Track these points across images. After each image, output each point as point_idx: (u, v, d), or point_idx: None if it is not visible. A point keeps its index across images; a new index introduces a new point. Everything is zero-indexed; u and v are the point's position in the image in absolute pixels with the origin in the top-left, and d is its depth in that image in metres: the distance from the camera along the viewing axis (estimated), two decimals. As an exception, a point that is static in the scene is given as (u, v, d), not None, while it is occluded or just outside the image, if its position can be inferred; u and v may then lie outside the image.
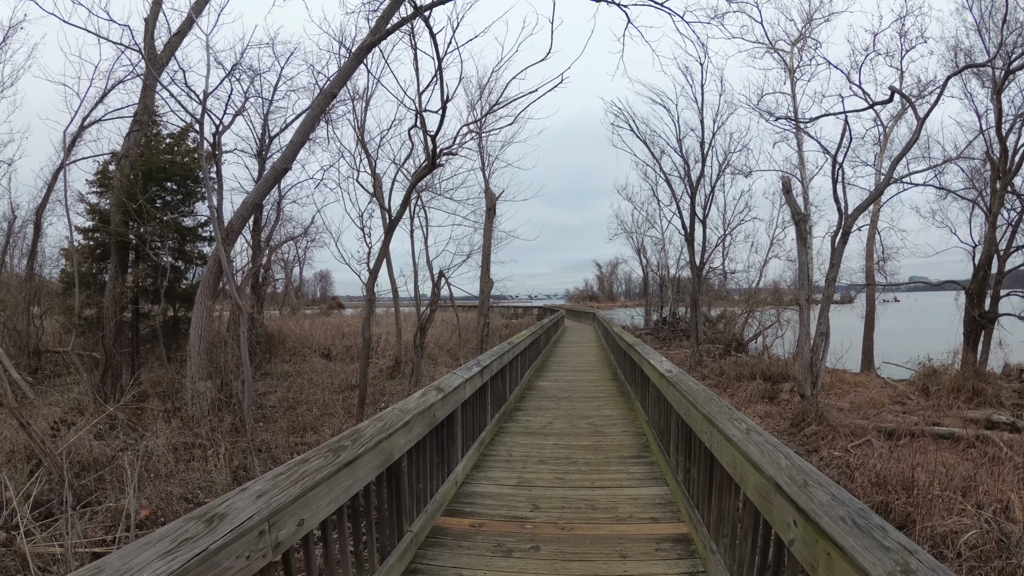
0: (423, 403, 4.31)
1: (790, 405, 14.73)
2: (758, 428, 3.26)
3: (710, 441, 3.71)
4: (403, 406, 4.11)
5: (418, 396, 4.50)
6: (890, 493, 8.22)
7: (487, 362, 7.03)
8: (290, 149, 13.29)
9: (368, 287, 11.98)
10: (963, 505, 7.93)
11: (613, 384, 12.39)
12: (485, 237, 18.48)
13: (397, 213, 11.70)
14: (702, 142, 24.28)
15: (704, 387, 4.69)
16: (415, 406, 4.17)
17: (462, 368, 6.16)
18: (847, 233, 12.46)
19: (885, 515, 7.77)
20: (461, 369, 6.07)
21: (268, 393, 17.27)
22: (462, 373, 5.80)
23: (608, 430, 8.07)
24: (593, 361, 17.19)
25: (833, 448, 11.38)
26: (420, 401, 4.34)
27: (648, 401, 7.56)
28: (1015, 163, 18.52)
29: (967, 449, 12.01)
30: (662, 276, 42.68)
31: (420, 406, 4.21)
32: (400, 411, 3.96)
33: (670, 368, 5.98)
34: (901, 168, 19.96)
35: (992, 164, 19.70)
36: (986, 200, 20.04)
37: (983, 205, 20.43)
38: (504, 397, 8.93)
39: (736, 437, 3.15)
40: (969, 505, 7.95)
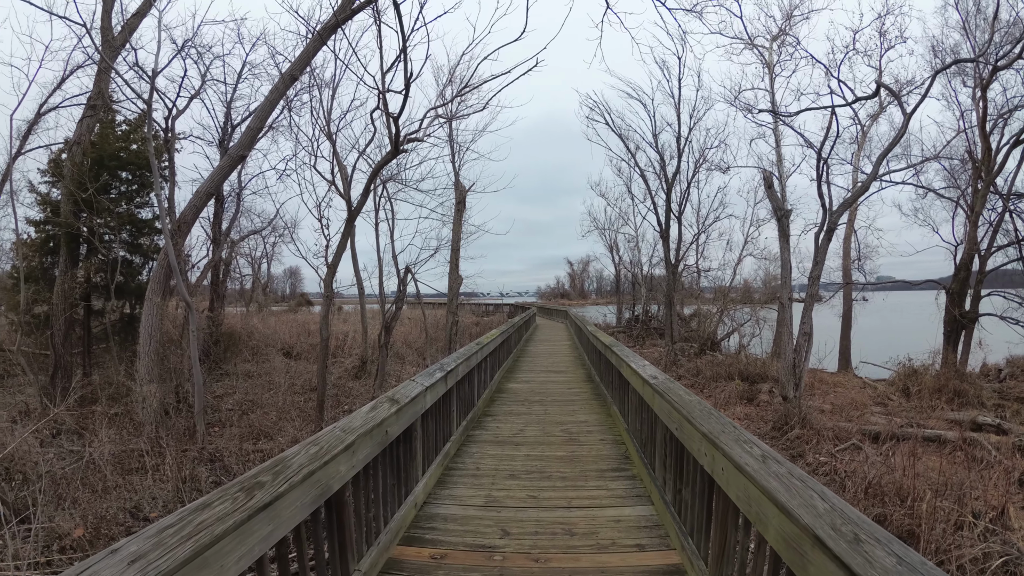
0: (372, 419, 3.69)
1: (770, 407, 14.33)
2: (776, 455, 2.70)
3: (711, 465, 3.15)
4: (346, 424, 3.49)
5: (367, 410, 3.88)
6: (887, 504, 7.76)
7: (452, 366, 6.41)
8: (247, 135, 12.57)
9: (326, 283, 11.24)
10: (963, 517, 7.50)
11: (588, 386, 11.84)
12: (454, 231, 17.74)
13: (358, 203, 10.98)
14: (678, 137, 23.94)
15: (699, 399, 4.13)
16: (361, 423, 3.55)
17: (423, 374, 5.54)
18: (832, 230, 12.06)
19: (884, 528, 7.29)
20: (422, 375, 5.45)
21: (226, 395, 16.49)
22: (422, 380, 5.18)
23: (584, 438, 7.50)
24: (566, 361, 16.63)
25: (818, 453, 10.96)
26: (368, 417, 3.72)
27: (628, 407, 7.00)
28: (997, 162, 18.30)
29: (954, 452, 11.72)
30: (635, 274, 42.36)
31: (368, 423, 3.59)
32: (342, 431, 3.33)
33: (655, 374, 5.42)
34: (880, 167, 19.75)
35: (973, 163, 19.54)
36: (968, 199, 19.83)
37: (964, 205, 20.24)
38: (472, 402, 8.33)
39: (750, 467, 2.58)
40: (968, 516, 7.54)
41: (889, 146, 13.07)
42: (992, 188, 18.58)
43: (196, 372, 10.54)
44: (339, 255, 11.25)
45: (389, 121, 10.10)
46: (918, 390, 16.61)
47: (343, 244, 11.22)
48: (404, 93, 9.38)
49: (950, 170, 20.68)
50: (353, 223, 11.06)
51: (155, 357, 12.78)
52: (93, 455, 10.43)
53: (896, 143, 13.16)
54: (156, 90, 12.90)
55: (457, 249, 17.57)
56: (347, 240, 11.10)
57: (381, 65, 9.82)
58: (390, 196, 16.58)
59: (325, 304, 11.40)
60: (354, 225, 15.73)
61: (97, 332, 18.33)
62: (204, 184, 12.87)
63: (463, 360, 7.14)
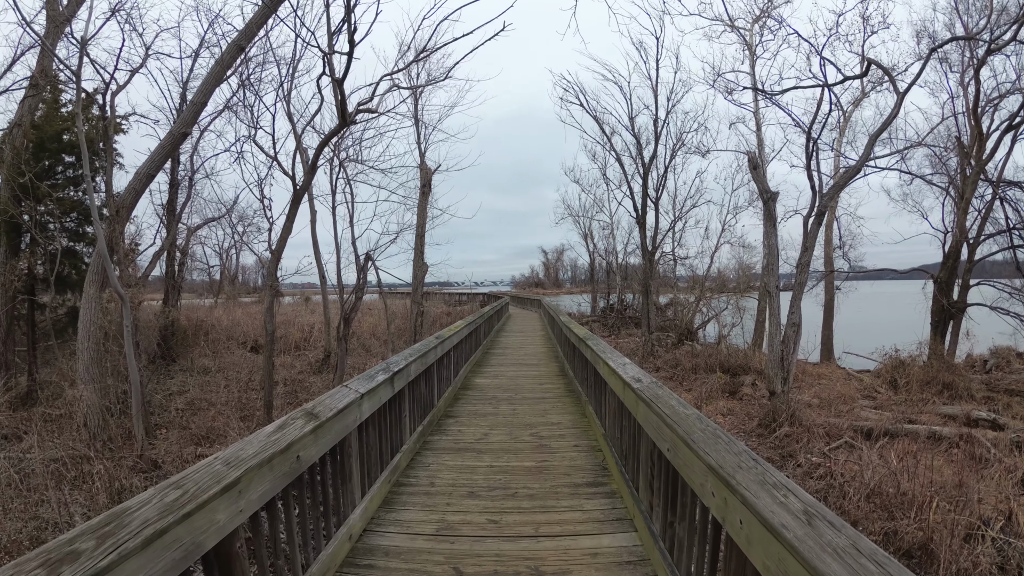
0: (273, 444, 2.84)
1: (754, 401, 13.67)
2: (826, 512, 1.87)
3: (722, 511, 2.35)
4: (233, 454, 2.63)
5: (271, 431, 3.03)
6: (895, 516, 7.05)
7: (401, 365, 5.55)
8: (189, 111, 11.55)
9: (270, 271, 10.26)
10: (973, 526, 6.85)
11: (561, 381, 11.04)
12: (419, 216, 16.68)
13: (304, 180, 9.99)
14: (656, 120, 23.17)
15: (699, 413, 3.32)
16: (256, 451, 2.70)
17: (361, 377, 4.67)
18: (822, 214, 11.38)
19: (897, 545, 6.59)
20: (359, 379, 4.59)
21: (178, 393, 15.46)
22: (358, 385, 4.32)
23: (556, 444, 6.68)
24: (539, 353, 15.82)
25: (810, 452, 10.28)
26: (269, 441, 2.86)
27: (605, 410, 6.19)
28: (988, 148, 17.74)
29: (950, 449, 11.16)
30: (609, 262, 41.75)
31: (266, 450, 2.74)
32: (224, 464, 2.48)
33: (638, 376, 4.61)
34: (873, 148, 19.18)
35: (961, 148, 18.99)
36: (957, 186, 19.28)
37: (953, 192, 19.69)
38: (431, 403, 7.47)
39: (790, 531, 1.78)
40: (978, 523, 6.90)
41: (882, 126, 12.39)
42: (983, 175, 18.04)
43: (132, 371, 9.60)
44: (283, 240, 10.25)
45: (335, 87, 9.11)
46: (906, 382, 16.08)
47: (287, 227, 10.21)
48: (348, 54, 8.39)
49: (939, 155, 20.12)
50: (298, 204, 10.03)
51: (94, 355, 11.76)
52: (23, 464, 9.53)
53: (889, 123, 12.50)
54: (92, 61, 11.86)
55: (422, 235, 16.52)
56: (291, 223, 10.12)
57: (328, 27, 8.85)
58: (349, 178, 15.48)
59: (268, 295, 10.34)
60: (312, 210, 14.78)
61: (43, 327, 17.27)
62: (144, 164, 11.84)
63: (417, 357, 6.28)
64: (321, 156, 14.71)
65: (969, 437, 11.70)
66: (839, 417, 12.14)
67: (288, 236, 10.25)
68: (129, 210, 12.13)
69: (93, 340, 11.71)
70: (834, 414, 12.51)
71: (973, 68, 18.29)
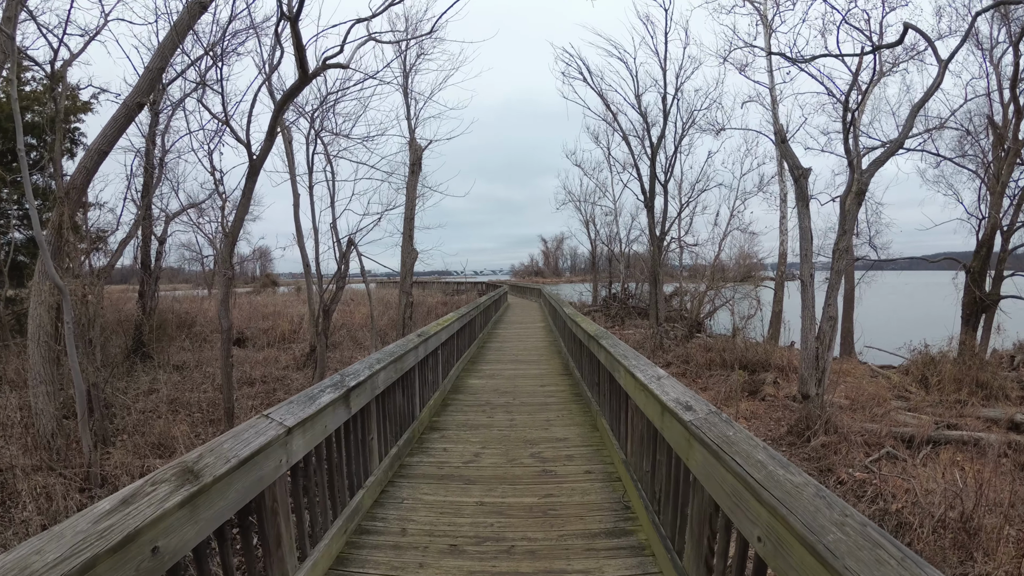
0: (101, 537, 1.61)
1: (777, 402, 12.43)
2: None
3: None
4: (18, 563, 1.41)
5: (105, 509, 1.79)
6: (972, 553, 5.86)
7: (363, 375, 4.28)
8: (144, 78, 10.23)
9: (223, 257, 8.88)
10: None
11: (565, 382, 9.80)
12: (408, 197, 15.27)
13: (262, 148, 8.64)
14: (664, 96, 21.76)
15: (810, 480, 2.05)
16: (63, 555, 1.49)
17: (296, 400, 3.39)
18: (862, 192, 10.13)
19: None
20: (292, 402, 3.31)
21: (148, 393, 14.14)
22: (284, 415, 3.05)
23: (563, 469, 5.44)
24: (539, 347, 14.58)
25: (850, 466, 9.04)
26: (91, 532, 1.64)
27: (627, 431, 4.95)
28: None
29: (999, 459, 10.03)
30: (612, 249, 40.44)
31: (80, 551, 1.52)
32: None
33: (685, 401, 3.32)
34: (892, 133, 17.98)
35: (994, 129, 17.70)
36: (990, 170, 17.99)
37: (984, 176, 18.39)
38: (410, 415, 6.23)
39: None
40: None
41: (924, 96, 11.14)
42: (1020, 158, 16.74)
43: (75, 374, 8.36)
44: (239, 219, 8.87)
45: (291, 31, 7.70)
46: (938, 381, 14.85)
47: (244, 205, 8.80)
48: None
49: (972, 136, 18.78)
50: (255, 176, 8.64)
51: (46, 353, 10.48)
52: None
53: (932, 92, 11.24)
54: (33, 18, 10.56)
55: (411, 218, 15.12)
56: (248, 200, 8.73)
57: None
58: (330, 155, 14.06)
59: (223, 285, 8.87)
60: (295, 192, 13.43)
61: (9, 323, 16.08)
62: (96, 140, 10.54)
63: (389, 362, 5.02)
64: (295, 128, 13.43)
65: (1018, 445, 10.60)
66: (876, 422, 10.94)
67: (245, 215, 8.87)
68: (81, 191, 10.84)
69: (45, 337, 10.44)
70: (869, 418, 11.31)
71: (1010, 40, 16.99)
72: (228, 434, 2.69)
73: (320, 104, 13.19)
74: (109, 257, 15.42)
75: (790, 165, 10.27)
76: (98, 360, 11.81)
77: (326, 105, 13.26)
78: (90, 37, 13.24)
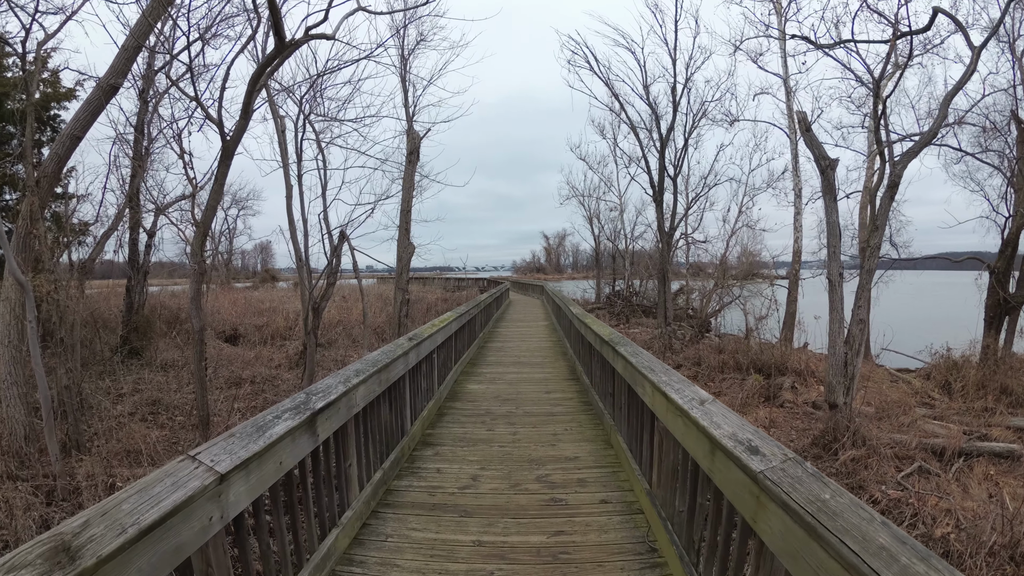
0: None
1: (797, 409, 11.70)
2: None
3: None
4: None
5: None
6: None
7: (333, 395, 3.49)
8: (120, 57, 9.44)
9: (194, 249, 8.05)
10: None
11: (572, 389, 9.06)
12: (405, 188, 14.42)
13: (236, 127, 7.82)
14: (673, 87, 20.97)
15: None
16: None
17: (243, 429, 2.63)
18: (895, 186, 9.36)
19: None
20: (236, 433, 2.55)
21: (131, 393, 13.39)
22: (216, 455, 2.27)
23: (575, 498, 4.69)
24: (543, 347, 13.84)
25: (883, 482, 8.31)
26: None
27: (653, 457, 4.22)
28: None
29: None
30: (616, 245, 39.68)
31: None
32: None
33: (748, 440, 2.58)
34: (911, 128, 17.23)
35: (1018, 124, 16.92)
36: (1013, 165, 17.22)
37: (1008, 172, 17.63)
38: (399, 431, 5.48)
39: None
40: None
41: (958, 84, 10.39)
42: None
43: (39, 376, 7.66)
44: (212, 208, 8.05)
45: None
46: (962, 386, 14.12)
47: (217, 192, 7.96)
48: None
49: (1001, 129, 17.97)
50: (229, 160, 7.82)
51: (15, 353, 9.74)
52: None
53: (966, 80, 10.50)
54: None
55: (408, 210, 14.31)
56: (221, 186, 7.93)
57: None
58: (320, 142, 13.13)
59: (194, 280, 7.99)
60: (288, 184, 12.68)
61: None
62: (69, 125, 9.78)
63: (371, 374, 4.26)
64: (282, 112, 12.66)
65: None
66: (903, 432, 10.21)
67: (218, 203, 8.11)
68: (53, 179, 10.08)
69: (14, 336, 9.71)
70: (896, 428, 10.58)
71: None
72: (133, 488, 1.96)
73: (310, 87, 12.38)
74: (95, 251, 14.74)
75: (816, 155, 9.52)
76: (78, 360, 11.11)
77: (316, 87, 12.46)
78: (67, 17, 12.48)
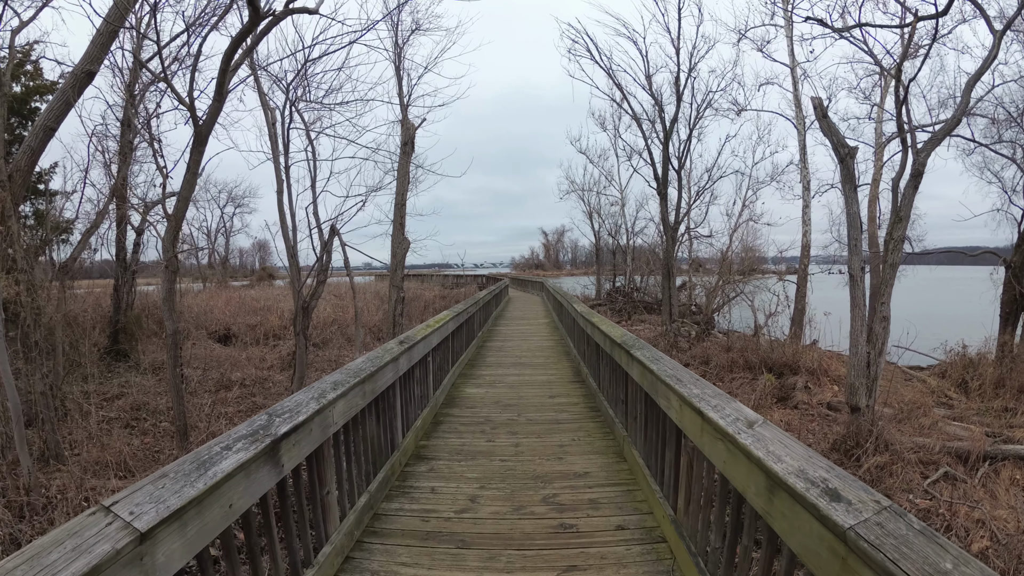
0: None
1: (812, 410, 11.18)
2: None
3: None
4: None
5: None
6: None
7: (306, 413, 2.88)
8: (94, 43, 8.93)
9: (165, 245, 7.47)
10: None
11: (578, 392, 8.53)
12: (399, 180, 13.77)
13: (209, 111, 7.22)
14: (677, 77, 20.40)
15: None
16: None
17: (179, 466, 2.08)
18: (919, 175, 8.84)
19: None
20: (169, 473, 2.00)
21: (116, 398, 12.81)
22: (141, 503, 1.73)
23: (587, 523, 4.14)
24: (545, 347, 13.30)
25: (909, 490, 7.80)
26: None
27: (678, 479, 3.70)
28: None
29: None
30: (617, 241, 39.16)
31: None
32: None
33: (823, 477, 2.03)
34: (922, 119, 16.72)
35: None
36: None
37: (1020, 162, 17.12)
38: (389, 445, 4.93)
39: None
40: None
41: (979, 70, 9.85)
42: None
43: (7, 384, 7.12)
44: (185, 200, 7.45)
45: None
46: (979, 385, 13.61)
47: (189, 182, 7.39)
48: None
49: (1017, 119, 17.42)
50: (202, 146, 7.20)
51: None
52: None
53: (988, 66, 9.98)
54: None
55: (403, 204, 13.67)
56: (195, 176, 7.35)
57: None
58: (309, 130, 12.47)
59: (166, 279, 7.38)
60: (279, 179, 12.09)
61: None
62: (42, 115, 9.27)
63: (353, 386, 3.69)
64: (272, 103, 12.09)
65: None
66: (925, 435, 9.69)
67: (191, 194, 7.48)
68: (26, 175, 9.54)
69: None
70: (917, 430, 10.06)
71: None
72: (23, 554, 1.44)
73: (297, 74, 11.75)
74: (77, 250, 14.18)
75: (834, 143, 8.99)
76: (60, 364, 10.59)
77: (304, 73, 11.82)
78: (43, 3, 11.91)
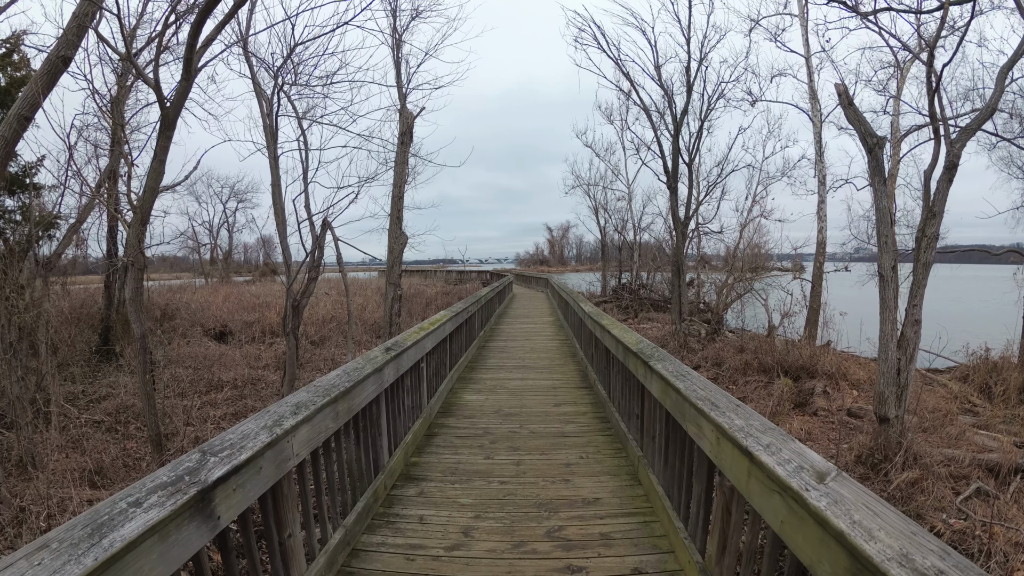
0: None
1: (833, 418, 10.60)
2: None
3: None
4: None
5: None
6: None
7: (253, 449, 2.26)
8: (71, 25, 8.35)
9: (130, 240, 6.94)
10: None
11: (585, 400, 7.97)
12: (397, 172, 13.13)
13: (177, 91, 6.66)
14: (687, 67, 19.78)
15: None
16: None
17: (65, 533, 1.53)
18: (953, 167, 8.26)
19: None
20: (50, 544, 1.46)
21: (104, 398, 12.28)
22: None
23: (598, 565, 3.54)
24: (549, 348, 12.74)
25: (942, 508, 7.22)
26: None
27: (709, 521, 3.14)
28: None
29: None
30: (624, 237, 38.57)
31: None
32: None
33: (938, 566, 1.46)
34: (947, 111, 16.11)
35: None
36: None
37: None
38: (372, 467, 4.37)
39: None
40: None
41: (1014, 56, 9.26)
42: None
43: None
44: (152, 191, 6.87)
45: None
46: (1003, 390, 13.02)
47: (157, 171, 6.81)
48: None
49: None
50: (170, 131, 6.62)
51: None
52: None
53: (1022, 54, 9.39)
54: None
55: (400, 196, 13.04)
56: (162, 163, 6.79)
57: None
58: (300, 117, 11.82)
59: (132, 277, 6.81)
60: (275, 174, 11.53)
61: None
62: (16, 104, 8.69)
63: (322, 407, 3.08)
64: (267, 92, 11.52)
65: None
66: (953, 446, 9.12)
67: (159, 185, 6.94)
68: (1, 167, 9.01)
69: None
70: (944, 441, 9.48)
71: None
72: None
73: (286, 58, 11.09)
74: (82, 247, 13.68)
75: (861, 132, 8.41)
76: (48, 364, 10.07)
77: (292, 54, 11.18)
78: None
